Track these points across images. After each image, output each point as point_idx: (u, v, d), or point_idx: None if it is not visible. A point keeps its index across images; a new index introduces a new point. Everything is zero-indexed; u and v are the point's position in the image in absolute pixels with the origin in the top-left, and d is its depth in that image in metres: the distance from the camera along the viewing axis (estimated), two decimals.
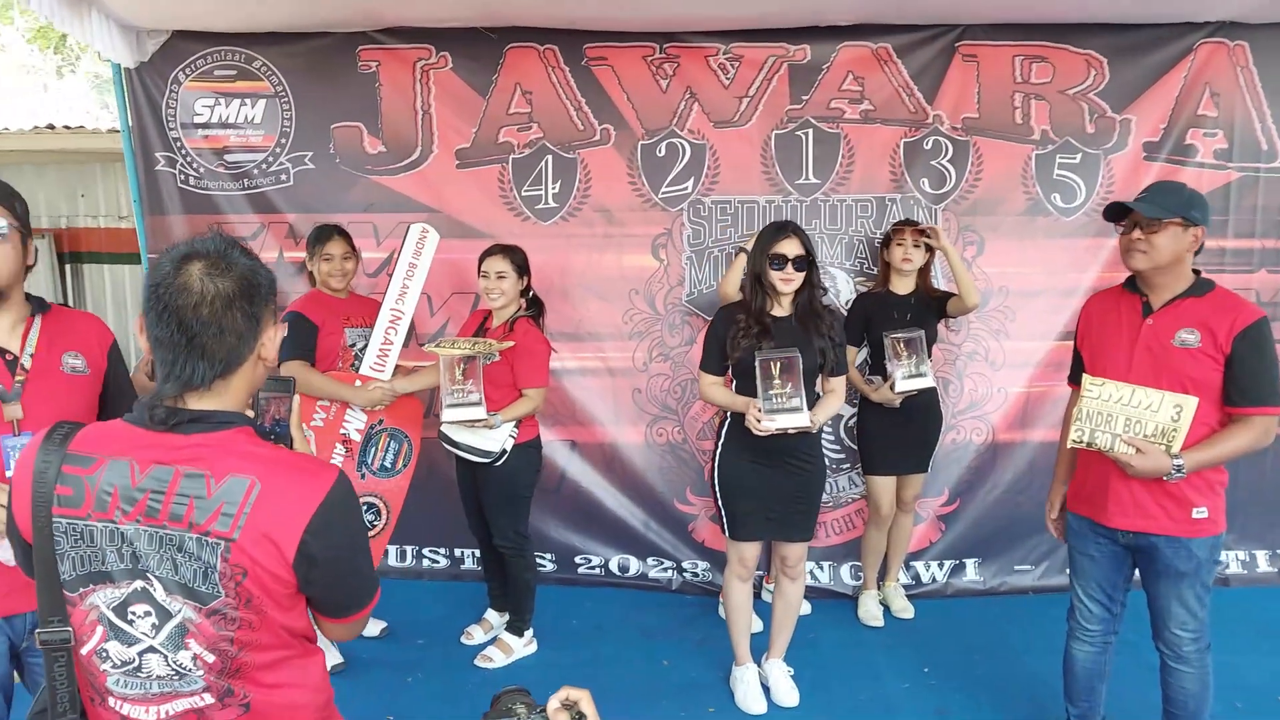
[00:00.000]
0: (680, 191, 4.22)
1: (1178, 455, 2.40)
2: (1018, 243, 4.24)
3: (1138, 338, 2.53)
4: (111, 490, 1.34)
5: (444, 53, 4.18)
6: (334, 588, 1.44)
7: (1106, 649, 2.82)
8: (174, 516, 1.33)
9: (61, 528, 1.35)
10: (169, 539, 1.33)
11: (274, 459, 1.39)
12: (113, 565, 1.35)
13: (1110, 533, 2.63)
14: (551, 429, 4.32)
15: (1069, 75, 4.17)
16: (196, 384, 1.36)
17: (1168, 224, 2.43)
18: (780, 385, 2.97)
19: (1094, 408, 2.48)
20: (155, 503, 1.33)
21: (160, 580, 1.35)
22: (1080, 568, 2.78)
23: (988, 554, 4.36)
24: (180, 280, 1.35)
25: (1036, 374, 4.28)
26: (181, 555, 1.33)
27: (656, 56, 4.17)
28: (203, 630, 1.36)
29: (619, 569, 4.43)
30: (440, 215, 4.24)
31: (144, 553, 1.34)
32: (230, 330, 1.37)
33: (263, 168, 4.26)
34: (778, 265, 3.06)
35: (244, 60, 4.21)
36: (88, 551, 1.35)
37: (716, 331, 3.20)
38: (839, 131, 4.19)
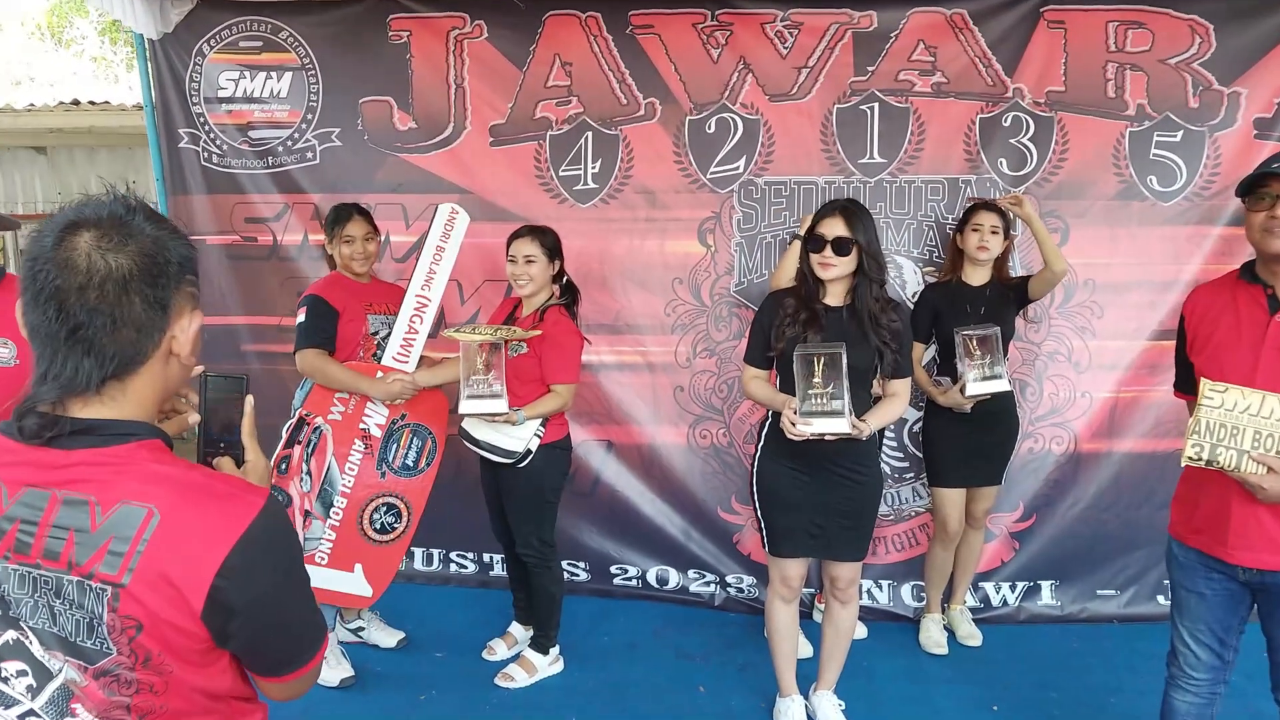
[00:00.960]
0: (731, 171, 3.87)
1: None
2: (1107, 230, 3.80)
3: (1264, 337, 2.11)
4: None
5: (479, 21, 3.90)
6: (262, 642, 1.16)
7: (1214, 700, 2.39)
8: (49, 554, 1.06)
9: None
10: (43, 581, 1.07)
11: (182, 482, 1.09)
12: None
13: (1228, 568, 2.20)
14: (586, 428, 4.01)
15: (1170, 43, 3.71)
16: (81, 387, 1.07)
17: None
18: (821, 384, 2.59)
19: (1215, 419, 2.06)
20: (26, 535, 1.06)
21: (35, 632, 1.08)
22: (1187, 607, 2.36)
23: (1066, 576, 3.93)
24: (63, 254, 1.05)
25: (1126, 377, 3.84)
26: (60, 602, 1.07)
27: (708, 24, 3.83)
28: (90, 695, 1.09)
29: (657, 581, 4.10)
30: (472, 196, 3.96)
31: (13, 598, 1.08)
32: (126, 320, 1.07)
33: (288, 145, 4.03)
34: (815, 246, 2.71)
35: (270, 30, 3.98)
36: None
37: (762, 320, 2.87)
38: (908, 106, 3.79)
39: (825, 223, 2.72)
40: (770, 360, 2.88)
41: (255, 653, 1.17)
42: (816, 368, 2.60)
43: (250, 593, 1.08)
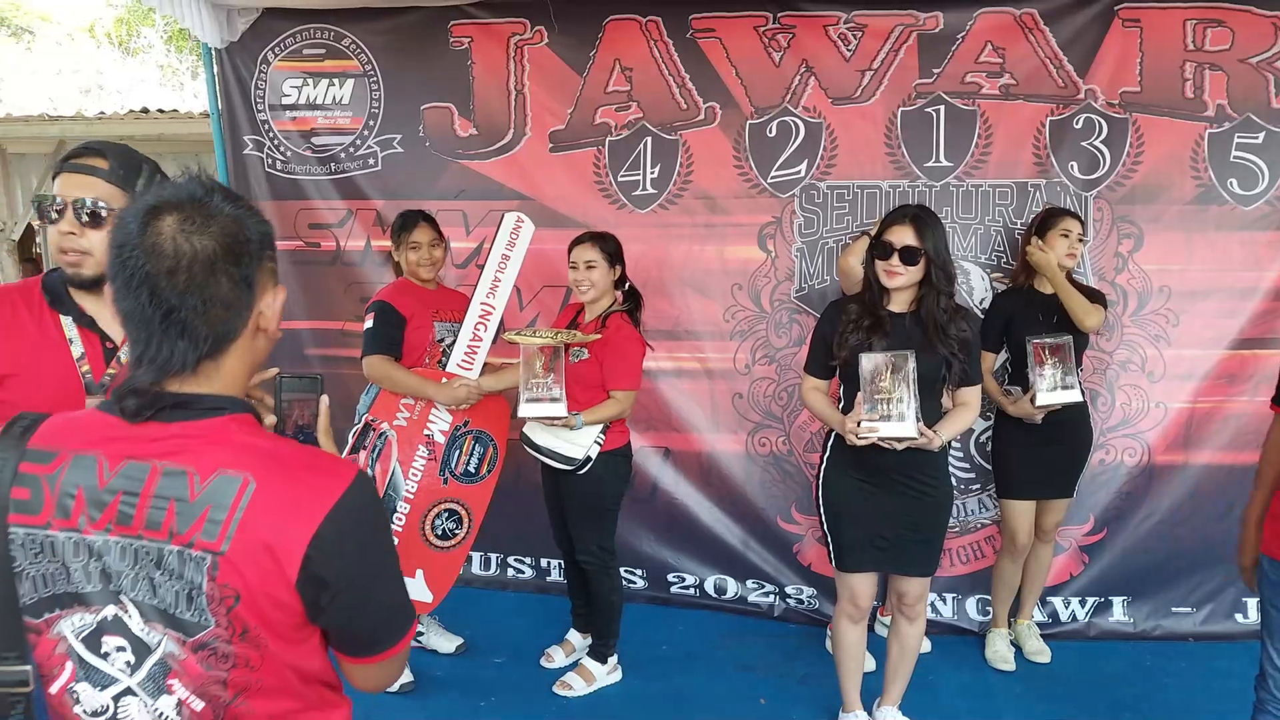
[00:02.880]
0: (792, 176, 3.81)
1: None
2: (1184, 236, 3.68)
3: None
4: (75, 492, 1.09)
5: (539, 26, 3.89)
6: (352, 617, 1.15)
7: None
8: (151, 524, 1.07)
9: (19, 539, 1.10)
10: (145, 552, 1.08)
11: (276, 453, 1.12)
12: (80, 585, 1.10)
13: None
14: (644, 434, 3.98)
15: (1251, 41, 3.58)
16: (177, 368, 1.09)
17: None
18: (889, 389, 2.54)
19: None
20: (128, 507, 1.08)
21: (136, 604, 1.09)
22: (1276, 627, 2.27)
23: (1139, 592, 3.81)
24: (149, 240, 1.07)
25: (1203, 387, 3.71)
26: (161, 573, 1.08)
27: (770, 27, 3.78)
28: (188, 669, 1.10)
29: (715, 590, 4.06)
30: (531, 202, 3.96)
31: (115, 570, 1.09)
32: (216, 300, 1.10)
33: (350, 151, 4.07)
34: (882, 253, 2.64)
35: (333, 38, 4.02)
36: (50, 568, 1.10)
37: (823, 328, 2.82)
38: (975, 108, 3.71)
39: (894, 230, 2.66)
40: (831, 370, 2.82)
41: (345, 629, 1.16)
42: (885, 373, 2.55)
43: (342, 563, 1.09)
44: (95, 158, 1.77)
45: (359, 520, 1.12)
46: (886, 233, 2.67)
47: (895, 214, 2.71)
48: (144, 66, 16.70)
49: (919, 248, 2.62)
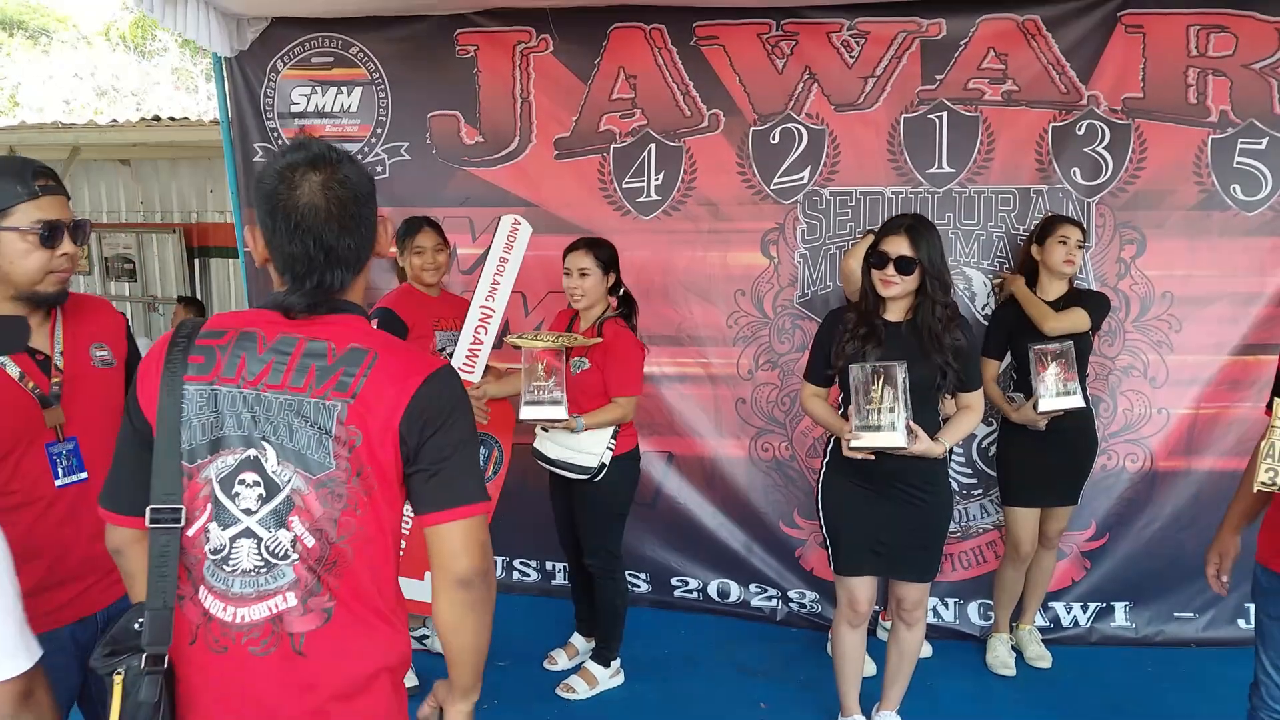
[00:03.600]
0: (795, 182, 3.84)
1: None
2: (1186, 242, 3.68)
3: None
4: (240, 357, 1.41)
5: (545, 35, 3.92)
6: (438, 464, 1.41)
7: None
8: (295, 382, 1.39)
9: (190, 394, 1.39)
10: (288, 404, 1.39)
11: (389, 339, 1.49)
12: (231, 430, 1.39)
13: None
14: (648, 439, 4.01)
15: (1255, 47, 3.58)
16: (336, 287, 1.44)
17: None
18: (878, 399, 2.58)
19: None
20: (280, 366, 1.40)
21: (274, 446, 1.39)
22: (1272, 637, 2.28)
23: (1141, 597, 3.81)
24: (302, 196, 1.38)
25: (1205, 393, 3.71)
26: (298, 420, 1.38)
27: (773, 34, 3.80)
28: (309, 505, 1.38)
29: (718, 594, 4.08)
30: (537, 209, 3.99)
31: (262, 417, 1.39)
32: (361, 236, 1.45)
33: (358, 158, 4.10)
34: (878, 263, 2.67)
35: (341, 46, 4.06)
36: (211, 418, 1.39)
37: (821, 337, 2.88)
38: (977, 114, 3.72)
39: (889, 240, 2.68)
40: (830, 378, 2.86)
41: (431, 477, 1.41)
42: (875, 383, 2.58)
43: (433, 412, 1.40)
44: (56, 177, 1.81)
45: (446, 388, 1.43)
46: (882, 243, 2.69)
47: (891, 224, 2.73)
48: (159, 70, 16.83)
49: (914, 258, 2.64)
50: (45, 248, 1.76)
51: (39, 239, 1.75)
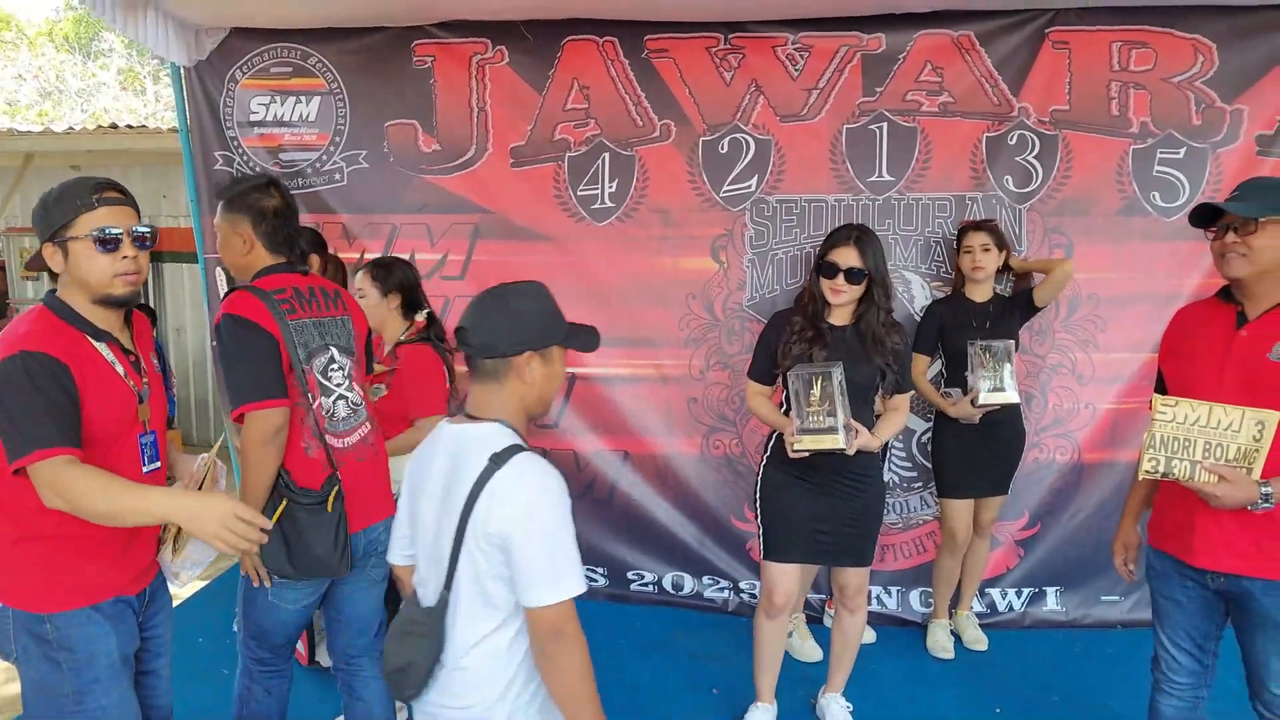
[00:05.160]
0: (743, 190, 4.00)
1: (1264, 481, 2.09)
2: (1111, 246, 3.90)
3: (1229, 351, 2.23)
4: (298, 300, 2.42)
5: (500, 47, 4.04)
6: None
7: (1198, 704, 2.50)
8: (330, 309, 2.52)
9: (290, 327, 2.35)
10: (334, 320, 2.52)
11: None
12: (315, 343, 2.43)
13: (1198, 575, 2.32)
14: (603, 438, 4.15)
15: (1173, 62, 3.80)
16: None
17: (1267, 223, 2.13)
18: (818, 402, 2.73)
19: (1168, 432, 2.17)
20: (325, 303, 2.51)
21: (335, 347, 2.49)
22: (1165, 614, 2.48)
23: (1070, 583, 4.03)
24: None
25: (1128, 389, 3.93)
26: (339, 328, 2.53)
27: (721, 48, 3.95)
28: (356, 376, 2.56)
29: (673, 587, 4.23)
30: (493, 215, 4.12)
31: (325, 331, 2.47)
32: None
33: (316, 167, 4.19)
34: (828, 273, 2.82)
35: (300, 57, 4.14)
36: (302, 337, 2.39)
37: (769, 337, 3.01)
38: (915, 125, 3.91)
39: (839, 251, 2.83)
40: (774, 376, 3.01)
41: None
42: (815, 386, 2.73)
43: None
44: (120, 190, 1.99)
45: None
46: (831, 253, 2.84)
47: (838, 236, 2.88)
48: (105, 71, 16.56)
49: (863, 268, 2.80)
50: (106, 253, 1.93)
51: (99, 246, 1.92)
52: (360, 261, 4.19)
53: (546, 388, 1.83)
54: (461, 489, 1.70)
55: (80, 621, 1.97)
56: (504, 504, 1.65)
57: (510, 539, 1.64)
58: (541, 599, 1.64)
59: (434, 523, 1.78)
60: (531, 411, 1.85)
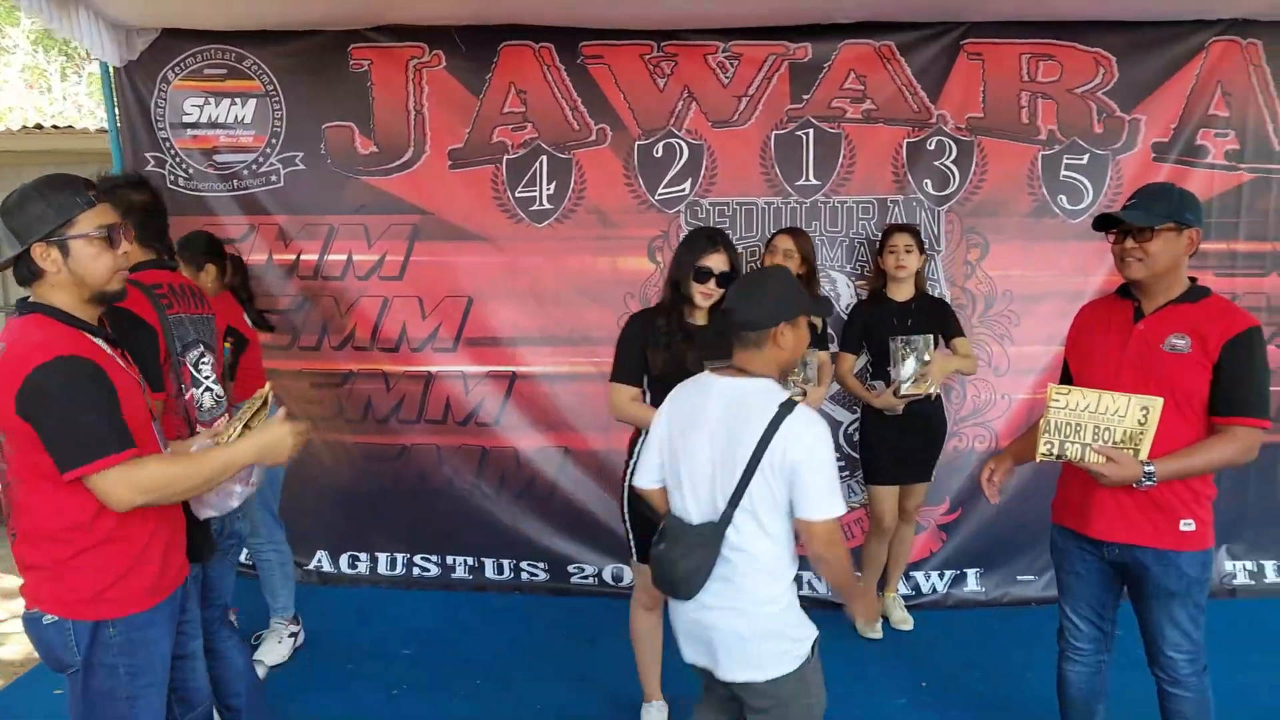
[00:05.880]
0: (678, 193, 4.13)
1: (1148, 462, 2.29)
2: (1022, 245, 4.14)
3: (1127, 343, 2.44)
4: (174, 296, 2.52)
5: (437, 51, 4.10)
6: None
7: (1100, 669, 2.71)
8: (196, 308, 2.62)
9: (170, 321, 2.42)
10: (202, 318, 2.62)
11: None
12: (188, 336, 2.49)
13: (1095, 548, 2.53)
14: (545, 435, 4.24)
15: (1077, 74, 4.06)
16: None
17: (1161, 230, 2.34)
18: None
19: (1061, 418, 2.37)
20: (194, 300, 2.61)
21: (203, 342, 2.58)
22: (1067, 586, 2.68)
23: (990, 564, 4.27)
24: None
25: (1042, 380, 4.16)
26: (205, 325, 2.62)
27: (654, 55, 4.08)
28: (217, 370, 2.63)
29: (613, 579, 4.34)
30: (431, 217, 4.18)
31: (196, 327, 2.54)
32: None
33: (253, 168, 4.19)
34: (702, 278, 2.83)
35: (234, 59, 4.14)
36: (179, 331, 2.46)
37: (634, 339, 2.93)
38: (840, 131, 4.09)
39: (712, 257, 2.83)
40: (643, 378, 2.96)
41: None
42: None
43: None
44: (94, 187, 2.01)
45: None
46: (705, 259, 2.83)
47: (709, 242, 2.86)
48: (8, 68, 15.91)
49: (730, 272, 2.86)
50: (111, 249, 1.95)
51: (105, 242, 1.94)
52: (295, 263, 4.23)
53: (796, 348, 2.25)
54: (753, 428, 2.11)
55: (140, 625, 1.99)
56: (797, 442, 2.08)
57: (799, 468, 2.08)
58: (824, 514, 2.10)
59: (710, 453, 2.18)
60: (784, 368, 2.27)
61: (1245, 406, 2.30)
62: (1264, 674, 3.51)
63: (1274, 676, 3.52)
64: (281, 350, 4.27)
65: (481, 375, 4.28)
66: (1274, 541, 4.31)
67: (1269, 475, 4.18)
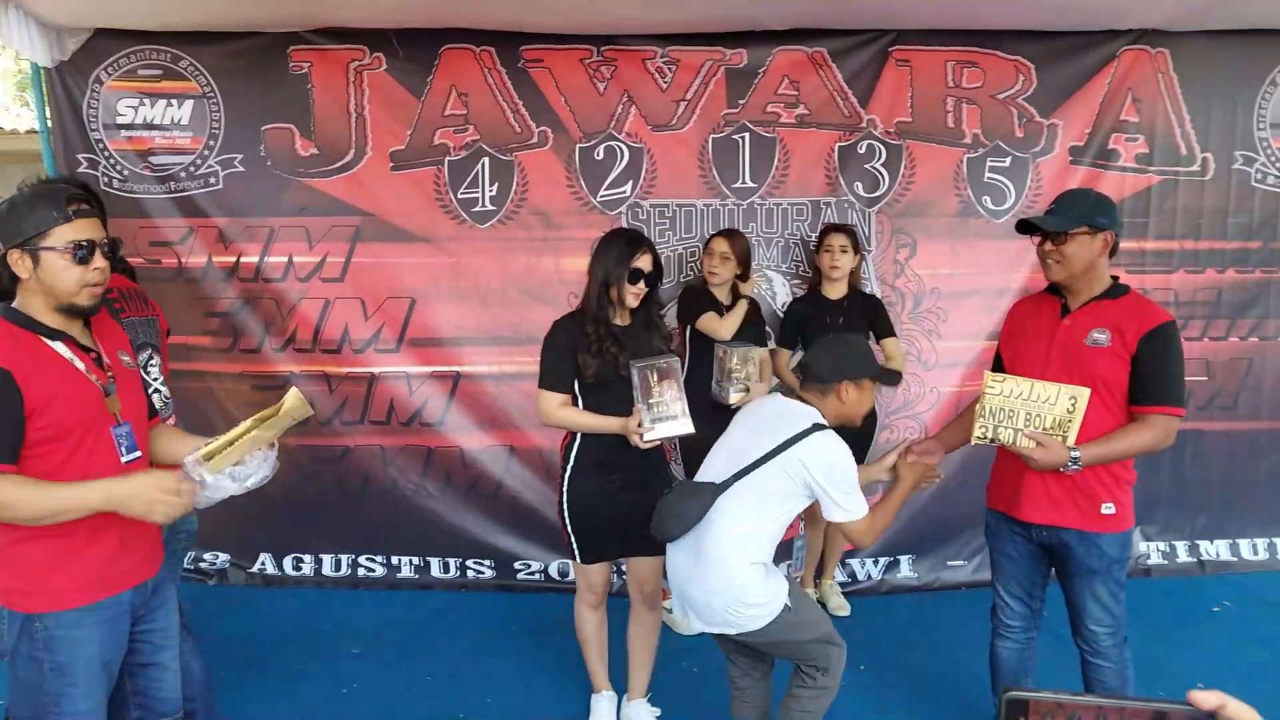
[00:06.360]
0: (619, 195, 4.22)
1: (1074, 447, 2.45)
2: (949, 245, 4.32)
3: (1054, 336, 2.61)
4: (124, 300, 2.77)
5: (378, 54, 4.12)
6: None
7: (1029, 645, 2.90)
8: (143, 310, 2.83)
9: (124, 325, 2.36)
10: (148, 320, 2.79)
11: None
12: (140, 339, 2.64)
13: (1025, 530, 2.71)
14: (490, 434, 4.30)
15: (999, 80, 4.26)
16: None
17: (1076, 233, 2.50)
18: (659, 394, 2.84)
19: (996, 404, 2.52)
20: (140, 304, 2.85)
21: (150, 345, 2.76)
22: (999, 567, 2.87)
23: (921, 551, 4.45)
24: None
25: (969, 374, 4.36)
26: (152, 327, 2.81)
27: (594, 59, 4.16)
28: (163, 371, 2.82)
29: (559, 574, 4.41)
30: (373, 219, 4.20)
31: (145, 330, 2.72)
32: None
33: (190, 170, 4.15)
34: (634, 279, 2.89)
35: (170, 60, 4.09)
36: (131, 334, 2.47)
37: (563, 345, 2.94)
38: (775, 135, 4.22)
39: (642, 259, 2.90)
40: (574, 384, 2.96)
41: None
42: (653, 379, 2.83)
43: None
44: (88, 199, 2.02)
45: None
46: (636, 261, 2.89)
47: (637, 245, 2.92)
48: None
49: (655, 271, 2.95)
50: (80, 265, 1.95)
51: (74, 258, 1.94)
52: (236, 265, 4.20)
53: (857, 408, 2.68)
54: (784, 431, 2.51)
55: (67, 624, 1.98)
56: (814, 456, 2.49)
57: (821, 482, 2.49)
58: (849, 516, 2.53)
59: (744, 439, 2.62)
60: (839, 422, 2.66)
61: (1161, 396, 2.48)
62: (1171, 647, 3.77)
63: (1180, 650, 3.78)
64: (222, 353, 4.26)
65: (425, 375, 4.31)
66: (1185, 523, 4.58)
67: (1180, 461, 4.44)
